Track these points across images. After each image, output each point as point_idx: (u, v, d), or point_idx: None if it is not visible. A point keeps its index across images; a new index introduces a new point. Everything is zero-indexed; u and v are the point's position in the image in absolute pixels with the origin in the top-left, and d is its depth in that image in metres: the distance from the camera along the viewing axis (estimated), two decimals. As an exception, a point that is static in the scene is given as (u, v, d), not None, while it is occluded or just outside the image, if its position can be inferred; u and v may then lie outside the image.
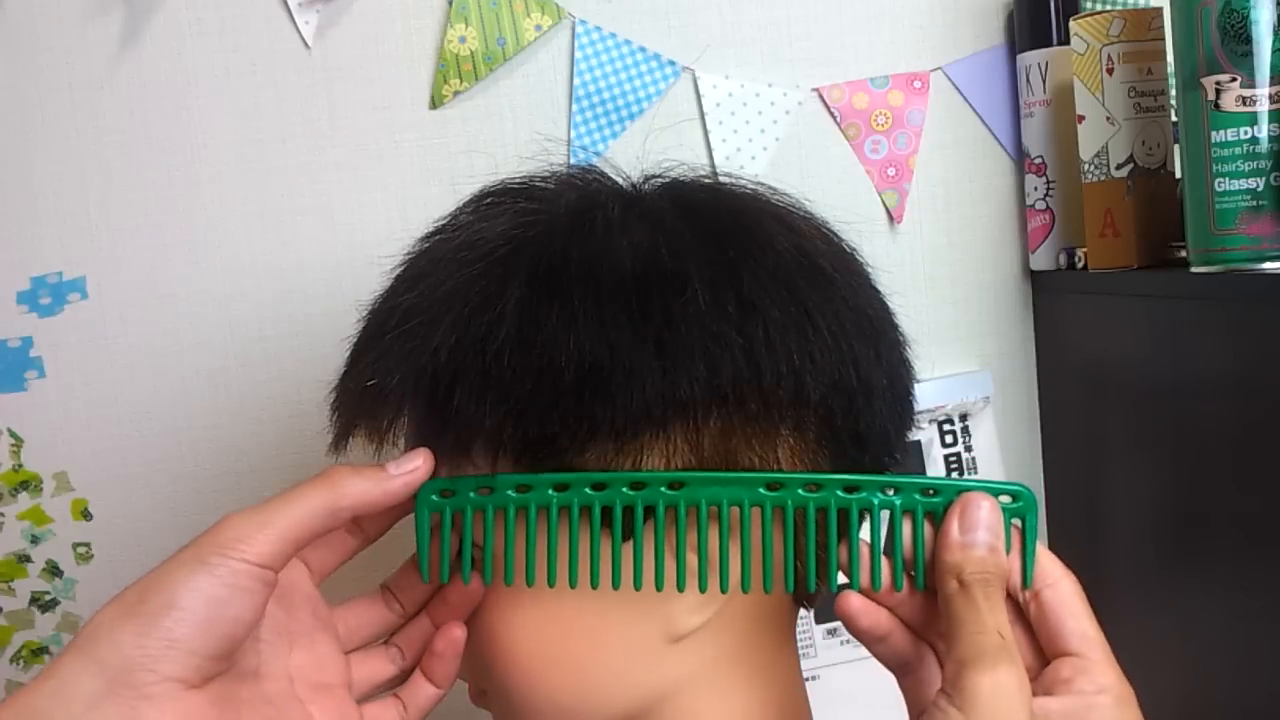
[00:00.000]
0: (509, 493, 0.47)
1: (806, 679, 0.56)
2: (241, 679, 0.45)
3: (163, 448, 0.82)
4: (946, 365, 0.88)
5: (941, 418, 0.87)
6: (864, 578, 0.48)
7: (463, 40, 0.81)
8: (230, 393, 0.83)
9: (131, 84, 0.81)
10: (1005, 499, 0.48)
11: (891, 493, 0.47)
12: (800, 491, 0.47)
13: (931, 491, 0.48)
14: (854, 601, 0.48)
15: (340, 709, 0.48)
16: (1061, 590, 0.47)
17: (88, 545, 0.83)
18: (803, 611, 0.56)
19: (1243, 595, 0.64)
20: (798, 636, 0.56)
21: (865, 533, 0.48)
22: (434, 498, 0.49)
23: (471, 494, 0.48)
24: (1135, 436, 0.75)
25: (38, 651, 0.83)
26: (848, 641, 0.86)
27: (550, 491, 0.47)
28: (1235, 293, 0.62)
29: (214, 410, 0.83)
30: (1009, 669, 0.42)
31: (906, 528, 0.47)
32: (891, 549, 0.48)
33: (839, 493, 0.47)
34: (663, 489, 0.46)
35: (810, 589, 0.49)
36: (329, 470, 0.47)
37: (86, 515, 0.83)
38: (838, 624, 0.85)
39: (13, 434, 0.82)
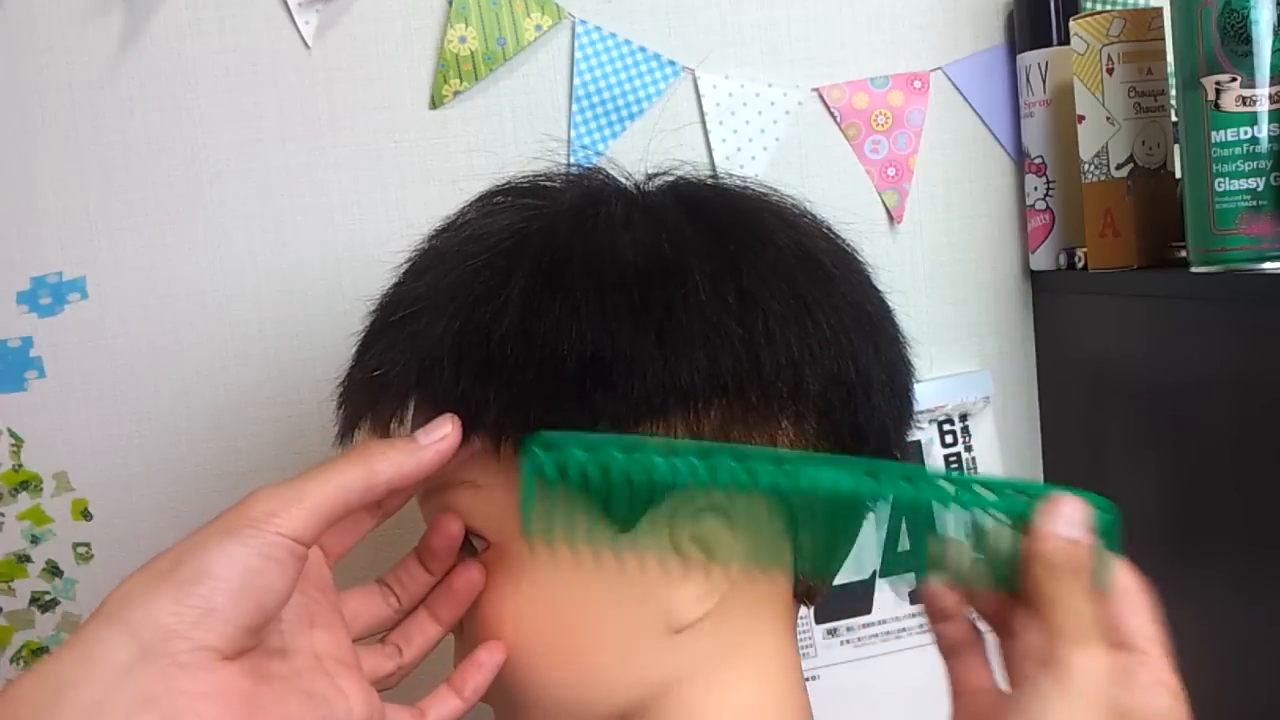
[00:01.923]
0: (615, 453, 0.45)
1: (806, 679, 0.56)
2: (270, 655, 0.45)
3: (163, 448, 0.82)
4: (946, 365, 0.88)
5: (941, 418, 0.87)
6: (955, 569, 0.47)
7: (463, 40, 0.81)
8: (230, 393, 0.83)
9: (131, 84, 0.81)
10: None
11: (987, 493, 0.47)
12: (901, 482, 0.46)
13: (1020, 493, 0.47)
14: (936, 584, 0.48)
15: (363, 689, 0.47)
16: (1132, 593, 0.48)
17: (88, 545, 0.83)
18: (803, 611, 0.56)
19: (1243, 595, 0.64)
20: (798, 637, 0.56)
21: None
22: (538, 450, 0.46)
23: (576, 450, 0.46)
24: (1135, 436, 0.75)
25: (37, 651, 0.83)
26: (848, 641, 0.86)
27: (658, 459, 0.45)
28: (1235, 293, 0.62)
29: (214, 410, 0.83)
30: (1100, 648, 0.44)
31: (993, 525, 0.47)
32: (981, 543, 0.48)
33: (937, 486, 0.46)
34: (768, 464, 0.45)
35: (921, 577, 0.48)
36: (361, 446, 0.47)
37: (86, 515, 0.83)
38: (838, 624, 0.85)
39: (13, 434, 0.82)
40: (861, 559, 0.49)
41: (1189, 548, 0.69)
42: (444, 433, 0.47)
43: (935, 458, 0.87)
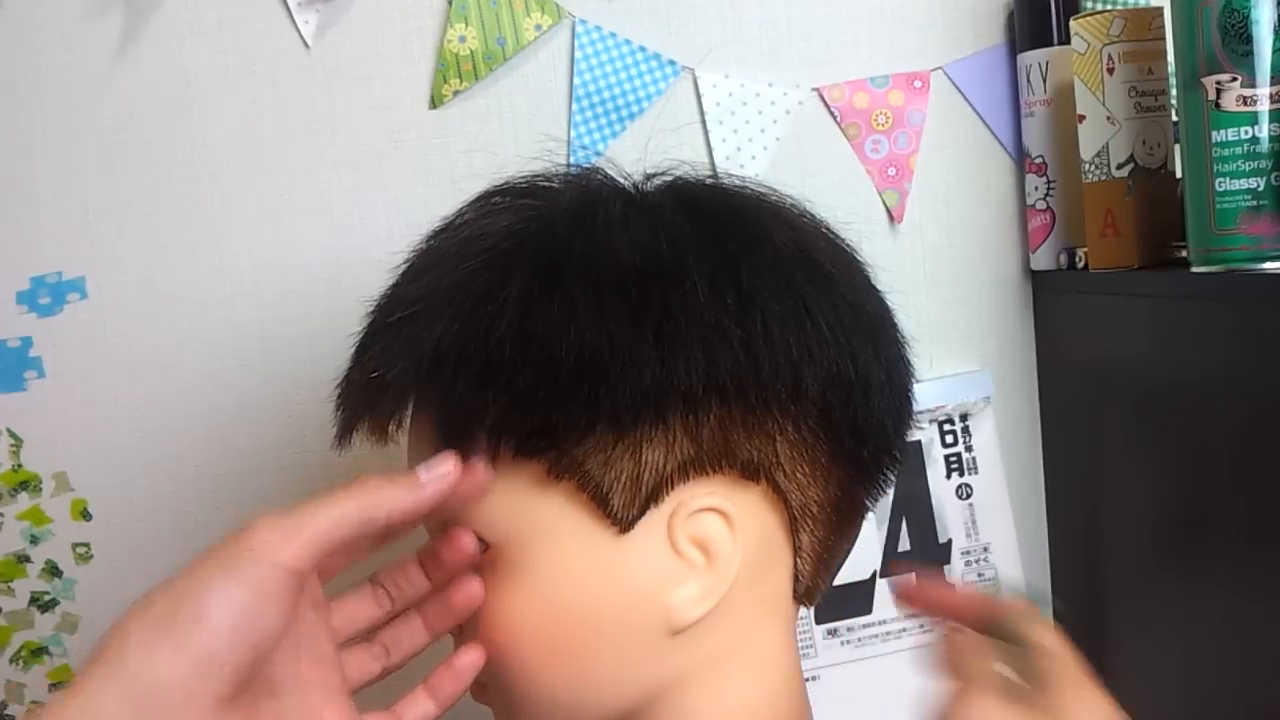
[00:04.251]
0: None
1: (806, 679, 0.56)
2: (260, 692, 0.45)
3: (163, 448, 0.82)
4: (947, 365, 0.88)
5: (942, 418, 0.87)
6: None
7: (462, 40, 0.81)
8: (230, 393, 0.83)
9: (131, 84, 0.81)
10: None
11: None
12: None
13: None
14: None
15: (347, 716, 0.48)
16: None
17: (87, 545, 0.83)
18: (803, 611, 0.56)
19: (1243, 595, 0.64)
20: (798, 637, 0.56)
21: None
22: None
23: None
24: (1135, 436, 0.75)
25: (37, 652, 0.83)
26: (848, 642, 0.85)
27: None
28: (1236, 293, 0.62)
29: (214, 411, 0.83)
30: None
31: None
32: None
33: None
34: None
35: None
36: (362, 479, 0.47)
37: (86, 515, 0.83)
38: (838, 624, 0.85)
39: (12, 434, 0.82)
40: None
41: (1189, 548, 0.69)
42: (445, 470, 0.47)
43: (935, 458, 0.87)
